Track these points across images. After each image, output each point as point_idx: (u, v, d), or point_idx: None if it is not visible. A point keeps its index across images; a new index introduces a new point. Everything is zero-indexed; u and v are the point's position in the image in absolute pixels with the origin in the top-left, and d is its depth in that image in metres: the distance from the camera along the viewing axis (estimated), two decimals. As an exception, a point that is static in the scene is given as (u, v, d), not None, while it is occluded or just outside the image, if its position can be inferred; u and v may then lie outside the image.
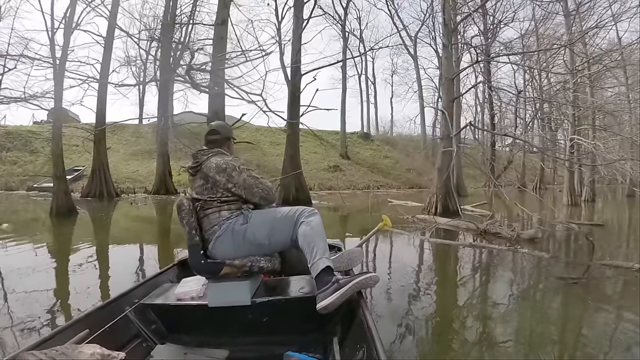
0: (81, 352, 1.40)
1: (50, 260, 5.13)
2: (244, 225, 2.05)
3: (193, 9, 18.63)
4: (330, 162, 26.65)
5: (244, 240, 2.03)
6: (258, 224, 2.06)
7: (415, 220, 8.60)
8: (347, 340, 1.81)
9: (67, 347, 1.43)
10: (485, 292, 3.94)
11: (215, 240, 2.04)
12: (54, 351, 1.35)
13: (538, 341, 2.64)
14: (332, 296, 1.78)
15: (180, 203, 2.10)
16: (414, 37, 30.73)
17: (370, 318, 1.64)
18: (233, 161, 2.16)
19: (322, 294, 1.81)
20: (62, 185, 10.08)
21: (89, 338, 1.65)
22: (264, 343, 1.99)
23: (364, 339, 1.57)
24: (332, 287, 1.81)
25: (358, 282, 1.86)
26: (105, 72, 14.95)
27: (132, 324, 2.02)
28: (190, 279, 2.32)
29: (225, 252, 2.04)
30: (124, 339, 1.90)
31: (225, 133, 2.40)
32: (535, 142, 22.12)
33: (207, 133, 2.38)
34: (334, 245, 2.95)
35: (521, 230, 6.31)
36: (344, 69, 30.39)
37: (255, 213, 2.13)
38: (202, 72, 10.63)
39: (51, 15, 11.52)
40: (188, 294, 2.16)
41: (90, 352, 1.43)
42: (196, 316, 2.09)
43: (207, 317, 2.06)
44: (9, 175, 18.91)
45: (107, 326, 1.84)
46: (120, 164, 20.92)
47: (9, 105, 16.02)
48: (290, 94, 14.60)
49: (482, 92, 29.81)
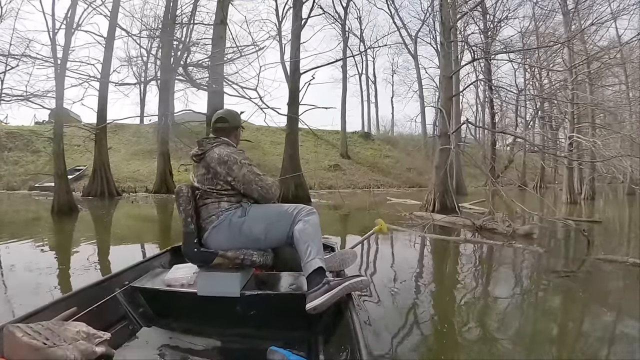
0: (67, 329, 1.44)
1: (51, 256, 5.17)
2: (241, 218, 2.05)
3: (194, 9, 18.68)
4: (331, 161, 26.67)
5: (240, 233, 2.04)
6: (256, 219, 2.06)
7: (412, 217, 8.63)
8: (332, 340, 1.83)
9: (54, 323, 1.46)
10: (476, 285, 3.95)
11: (212, 230, 2.05)
12: (39, 325, 1.38)
13: (523, 331, 2.69)
14: (322, 297, 1.80)
15: (179, 190, 2.11)
16: (414, 36, 30.69)
17: (357, 320, 1.66)
18: (236, 154, 2.15)
19: (312, 294, 1.82)
20: (64, 184, 10.15)
21: (76, 316, 1.68)
22: (249, 336, 2.00)
23: (349, 340, 1.59)
24: (322, 289, 1.82)
25: (348, 285, 1.88)
26: (106, 72, 15.01)
27: (120, 306, 2.04)
28: (181, 266, 2.35)
29: (220, 242, 2.05)
30: (111, 319, 1.92)
31: (233, 122, 2.37)
32: (536, 140, 22.12)
33: (214, 120, 2.36)
34: (328, 245, 2.98)
35: (517, 227, 6.33)
36: (345, 68, 30.35)
37: (254, 207, 2.12)
38: (199, 69, 10.70)
39: (52, 16, 11.57)
40: (178, 280, 2.18)
41: (76, 329, 1.47)
42: (184, 303, 2.11)
43: (195, 305, 2.07)
44: (11, 175, 18.97)
45: (95, 305, 1.86)
46: (122, 164, 20.98)
47: (11, 105, 16.09)
48: (289, 93, 14.65)
49: (483, 91, 29.80)
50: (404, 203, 13.25)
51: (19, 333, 1.28)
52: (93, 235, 7.08)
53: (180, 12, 18.15)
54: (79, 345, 1.40)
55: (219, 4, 10.59)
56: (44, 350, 1.28)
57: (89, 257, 4.96)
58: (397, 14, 23.31)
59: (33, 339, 1.29)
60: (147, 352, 1.84)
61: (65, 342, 1.37)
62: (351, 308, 1.78)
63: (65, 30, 11.52)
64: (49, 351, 1.29)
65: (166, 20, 15.61)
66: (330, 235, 5.29)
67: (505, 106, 27.23)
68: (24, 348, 1.26)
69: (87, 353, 1.41)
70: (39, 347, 1.28)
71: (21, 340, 1.27)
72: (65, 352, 1.33)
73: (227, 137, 2.31)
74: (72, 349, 1.36)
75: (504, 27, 22.16)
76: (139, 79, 26.04)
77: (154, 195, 16.61)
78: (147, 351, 1.84)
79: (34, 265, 4.22)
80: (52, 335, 1.36)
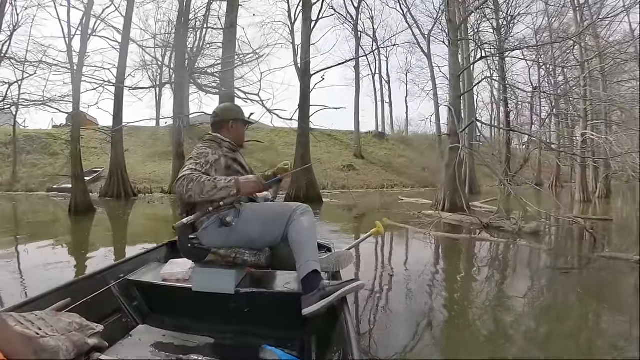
0: (60, 320, 1.44)
1: (70, 253, 5.35)
2: (236, 219, 2.01)
3: (206, 13, 18.89)
4: (345, 161, 26.64)
5: (234, 233, 2.01)
6: (249, 219, 2.03)
7: (420, 216, 8.62)
8: (325, 341, 1.82)
9: (47, 314, 1.47)
10: (475, 280, 3.98)
11: (205, 228, 2.02)
12: (32, 315, 1.40)
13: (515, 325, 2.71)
14: (318, 304, 1.79)
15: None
16: (427, 35, 30.43)
17: (350, 322, 1.65)
18: (200, 149, 2.12)
19: (308, 299, 1.81)
20: (81, 185, 10.45)
21: (70, 307, 1.69)
22: (242, 334, 1.99)
23: (342, 340, 1.58)
24: (318, 295, 1.81)
25: (344, 291, 1.86)
26: (121, 76, 15.30)
27: (114, 299, 2.04)
28: (177, 261, 2.34)
29: (213, 240, 2.02)
30: (104, 312, 1.92)
31: (222, 115, 2.34)
32: (552, 138, 21.76)
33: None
34: (324, 245, 2.96)
35: (523, 225, 6.28)
36: (357, 68, 30.30)
37: (248, 208, 2.08)
38: (205, 75, 10.84)
39: (68, 23, 11.87)
40: (174, 275, 2.18)
41: (69, 320, 1.47)
42: (179, 298, 2.10)
43: (190, 301, 2.07)
44: (29, 177, 19.39)
45: (89, 297, 1.87)
46: (138, 165, 21.29)
47: (29, 109, 16.48)
48: (300, 94, 14.73)
49: (498, 90, 29.43)
50: (415, 202, 13.22)
51: (12, 322, 1.30)
52: (110, 235, 7.25)
53: (194, 16, 18.40)
54: (72, 337, 1.40)
55: (228, 8, 10.71)
56: (36, 340, 1.29)
57: (106, 254, 5.11)
58: (409, 13, 23.05)
59: (26, 328, 1.30)
60: (140, 345, 1.85)
61: (57, 332, 1.37)
62: (345, 310, 1.77)
63: (81, 36, 11.82)
64: (42, 341, 1.30)
65: (179, 26, 15.82)
66: (332, 236, 5.33)
67: (521, 104, 26.80)
68: (16, 337, 1.28)
69: (80, 344, 1.41)
70: (32, 337, 1.29)
71: (14, 329, 1.28)
72: (57, 343, 1.33)
73: (217, 132, 2.32)
74: (64, 340, 1.36)
75: (516, 24, 21.79)
76: (153, 82, 26.44)
77: (169, 196, 16.84)
78: (140, 344, 1.86)
79: (53, 262, 4.39)
80: (45, 325, 1.37)
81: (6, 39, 14.92)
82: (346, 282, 1.94)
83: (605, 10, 14.55)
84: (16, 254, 5.20)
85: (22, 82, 16.64)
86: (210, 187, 1.90)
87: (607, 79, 14.58)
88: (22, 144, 21.56)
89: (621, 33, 17.77)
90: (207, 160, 2.06)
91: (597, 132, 13.28)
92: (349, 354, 1.41)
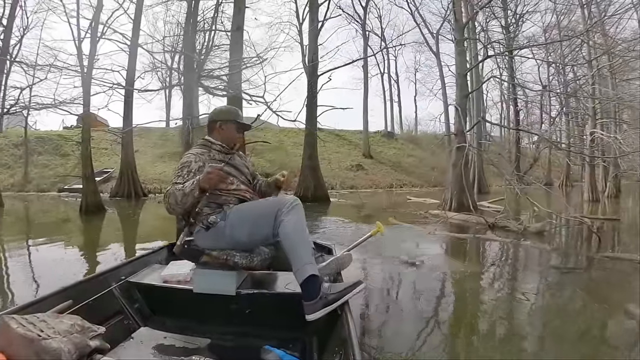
0: (62, 322, 1.45)
1: (81, 252, 5.47)
2: (222, 222, 2.01)
3: (214, 15, 18.99)
4: (353, 161, 26.60)
5: (222, 235, 2.00)
6: (236, 222, 2.01)
7: (427, 215, 8.61)
8: (327, 342, 1.81)
9: (49, 316, 1.49)
10: (475, 280, 3.97)
11: (198, 231, 2.03)
12: (34, 317, 1.41)
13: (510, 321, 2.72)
14: (321, 311, 1.77)
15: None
16: (436, 33, 30.24)
17: (352, 322, 1.63)
18: (183, 159, 2.15)
19: (310, 306, 1.78)
20: (91, 185, 10.64)
21: (72, 309, 1.71)
22: (244, 335, 1.99)
23: (343, 341, 1.57)
24: (320, 302, 1.78)
25: (347, 297, 1.84)
26: (130, 78, 15.44)
27: (115, 300, 2.06)
28: (178, 263, 2.34)
29: (206, 242, 2.02)
30: (106, 314, 1.93)
31: (211, 117, 2.36)
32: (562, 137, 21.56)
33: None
34: (325, 246, 2.94)
35: (528, 225, 6.27)
36: (366, 68, 30.15)
37: (235, 210, 2.06)
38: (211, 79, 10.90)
39: (77, 26, 11.99)
40: (175, 277, 2.19)
41: (71, 322, 1.48)
42: (180, 300, 2.11)
43: (191, 303, 2.07)
44: (41, 177, 19.69)
45: (90, 299, 1.87)
46: (148, 166, 21.46)
47: (40, 112, 16.67)
48: (307, 94, 14.76)
49: (507, 89, 29.19)
50: (423, 202, 13.18)
51: (14, 324, 1.32)
52: (120, 234, 7.35)
53: (203, 18, 18.51)
54: (73, 339, 1.42)
55: (235, 10, 10.77)
56: (38, 342, 1.30)
57: (115, 253, 5.20)
58: (417, 12, 22.94)
59: (28, 330, 1.32)
60: (142, 347, 1.86)
61: (59, 334, 1.39)
62: (347, 311, 1.75)
63: (90, 39, 11.95)
64: (43, 343, 1.31)
65: (187, 28, 15.93)
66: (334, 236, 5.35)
67: (530, 103, 26.59)
68: (18, 339, 1.29)
69: (81, 346, 1.42)
70: (34, 339, 1.30)
71: (16, 331, 1.30)
72: (59, 345, 1.34)
73: (210, 134, 2.34)
74: (66, 342, 1.37)
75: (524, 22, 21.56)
76: (163, 84, 26.63)
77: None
78: (142, 346, 1.87)
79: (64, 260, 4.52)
80: (47, 327, 1.39)
81: (17, 42, 15.05)
82: (348, 287, 1.90)
83: (614, 7, 14.39)
84: (27, 252, 5.32)
85: (33, 85, 16.85)
86: (181, 196, 1.93)
87: (615, 77, 14.36)
88: (34, 145, 21.85)
89: (630, 30, 17.54)
90: (189, 170, 2.08)
91: (607, 131, 13.14)
92: (350, 355, 1.41)
